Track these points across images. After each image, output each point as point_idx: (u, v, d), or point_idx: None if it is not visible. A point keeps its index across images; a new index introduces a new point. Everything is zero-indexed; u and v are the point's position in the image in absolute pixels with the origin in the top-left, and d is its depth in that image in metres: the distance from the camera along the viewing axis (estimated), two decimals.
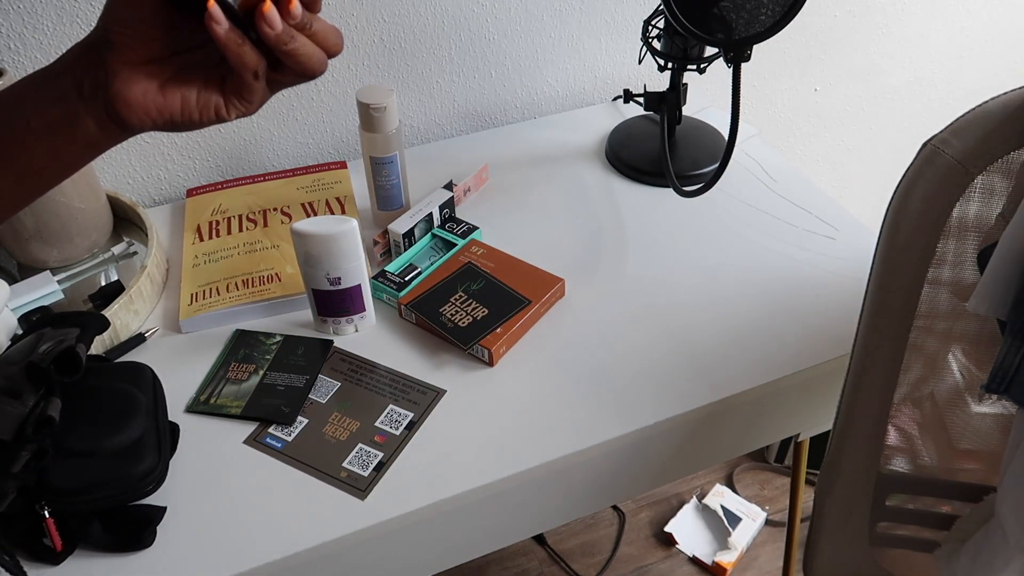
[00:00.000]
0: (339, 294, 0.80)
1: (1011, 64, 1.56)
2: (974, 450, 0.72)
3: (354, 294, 0.80)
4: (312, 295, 0.81)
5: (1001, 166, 0.60)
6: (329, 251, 0.77)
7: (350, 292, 0.80)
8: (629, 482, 0.81)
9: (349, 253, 0.77)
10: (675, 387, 0.78)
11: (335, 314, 0.82)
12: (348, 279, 0.79)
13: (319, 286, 0.79)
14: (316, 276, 0.79)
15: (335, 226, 0.76)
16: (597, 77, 1.23)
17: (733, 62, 0.83)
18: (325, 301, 0.81)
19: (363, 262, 0.79)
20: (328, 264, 0.78)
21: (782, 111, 1.42)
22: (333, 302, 0.81)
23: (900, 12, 1.37)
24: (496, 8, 1.09)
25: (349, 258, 0.78)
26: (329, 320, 0.82)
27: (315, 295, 0.81)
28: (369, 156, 0.91)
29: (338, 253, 0.77)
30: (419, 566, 0.74)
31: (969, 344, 0.68)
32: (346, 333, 0.83)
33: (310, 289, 0.80)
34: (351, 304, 0.81)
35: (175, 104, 0.45)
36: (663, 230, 0.97)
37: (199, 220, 0.97)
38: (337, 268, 0.78)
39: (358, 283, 0.80)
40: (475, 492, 0.70)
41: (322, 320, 0.83)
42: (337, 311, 0.81)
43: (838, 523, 0.76)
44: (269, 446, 0.74)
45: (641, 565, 1.48)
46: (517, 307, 0.83)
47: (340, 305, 0.81)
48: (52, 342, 0.67)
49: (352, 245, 0.77)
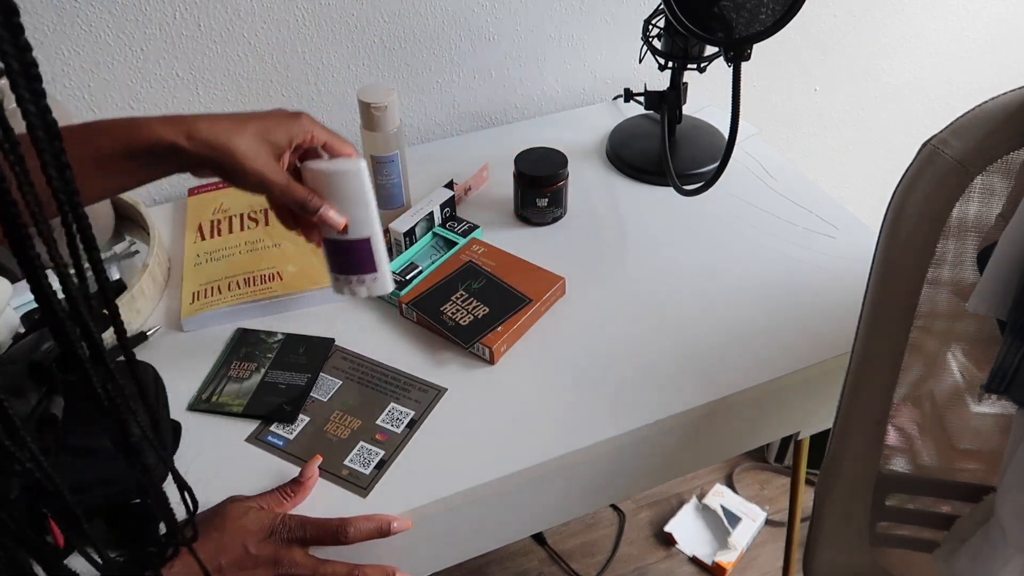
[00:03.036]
0: (346, 247, 0.70)
1: (1011, 64, 1.56)
2: (974, 450, 0.72)
3: (361, 249, 0.70)
4: (325, 246, 0.72)
5: (1001, 166, 0.60)
6: (332, 193, 0.67)
7: (356, 246, 0.70)
8: (629, 480, 0.81)
9: (354, 199, 0.67)
10: (675, 385, 0.78)
11: (345, 271, 0.71)
12: (354, 230, 0.69)
13: (329, 234, 0.70)
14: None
15: (340, 165, 0.67)
16: (597, 76, 1.23)
17: (733, 61, 0.83)
18: (334, 253, 0.71)
19: (373, 214, 0.69)
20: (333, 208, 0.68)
21: (782, 111, 1.42)
22: (341, 255, 0.71)
23: (900, 12, 1.37)
24: (496, 8, 1.10)
25: (354, 204, 0.68)
26: (341, 279, 0.72)
27: (326, 246, 0.71)
28: (370, 155, 0.91)
29: (341, 196, 0.67)
30: (419, 564, 0.74)
31: (969, 344, 0.68)
32: (358, 295, 0.73)
33: (324, 239, 0.71)
34: (360, 260, 0.71)
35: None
36: (663, 229, 0.97)
37: (201, 219, 0.97)
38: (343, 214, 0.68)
39: (366, 236, 0.69)
40: (476, 490, 0.71)
41: (335, 278, 0.73)
42: (346, 267, 0.71)
43: (838, 523, 0.77)
44: (271, 444, 0.74)
45: (641, 565, 1.48)
46: (518, 306, 0.84)
47: (348, 260, 0.71)
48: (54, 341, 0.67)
49: (356, 189, 0.67)
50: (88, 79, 0.95)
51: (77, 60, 0.93)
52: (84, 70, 0.94)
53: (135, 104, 0.99)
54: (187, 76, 0.99)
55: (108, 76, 0.95)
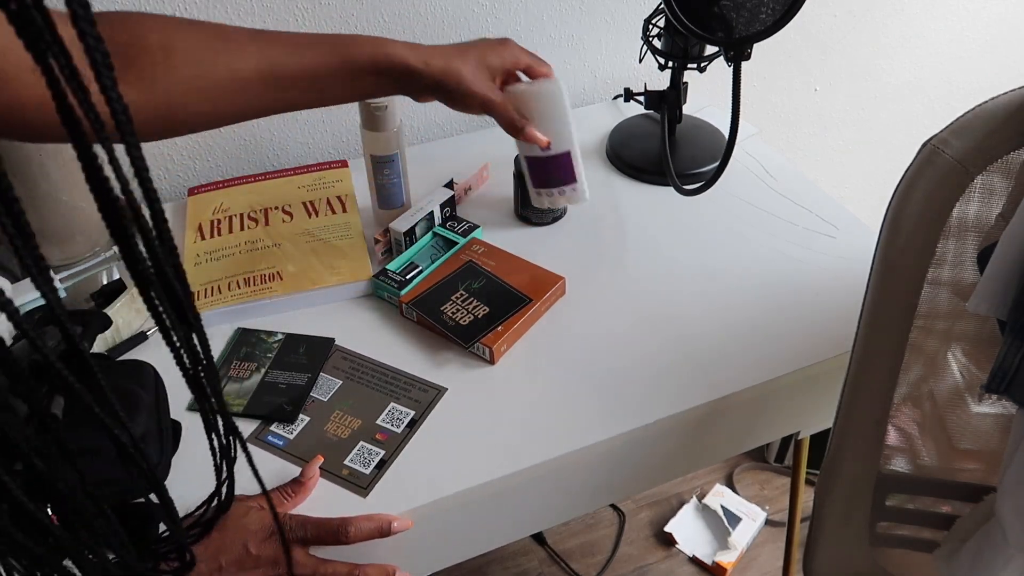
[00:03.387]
0: (548, 161, 0.79)
1: (1011, 64, 1.56)
2: (974, 450, 0.72)
3: (563, 162, 0.79)
4: (526, 164, 0.81)
5: (1001, 166, 0.60)
6: (536, 111, 0.76)
7: (559, 160, 0.79)
8: (629, 480, 0.81)
9: (555, 115, 0.76)
10: (675, 385, 0.78)
11: (546, 184, 0.81)
12: (556, 144, 0.78)
13: (529, 152, 0.80)
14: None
15: (541, 85, 0.76)
16: (597, 76, 1.23)
17: (733, 61, 0.83)
18: (537, 168, 0.80)
19: (571, 129, 0.78)
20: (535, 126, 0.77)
21: (782, 110, 1.42)
22: (544, 169, 0.80)
23: (900, 12, 1.37)
24: (496, 8, 1.10)
25: (556, 120, 0.77)
26: (543, 193, 0.82)
27: (527, 163, 0.81)
28: (370, 155, 0.91)
29: (543, 114, 0.76)
30: (420, 564, 0.74)
31: (969, 344, 0.68)
32: (558, 206, 0.84)
33: (523, 158, 0.81)
34: (561, 173, 0.80)
35: None
36: (663, 229, 0.97)
37: (200, 219, 0.97)
38: (545, 131, 0.77)
39: (566, 150, 0.78)
40: (476, 490, 0.71)
41: (536, 193, 0.83)
42: (548, 181, 0.81)
43: (838, 523, 0.77)
44: (271, 444, 0.74)
45: (641, 565, 1.48)
46: (518, 305, 0.84)
47: (551, 173, 0.80)
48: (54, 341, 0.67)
49: (557, 106, 0.76)
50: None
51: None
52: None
53: None
54: None
55: None
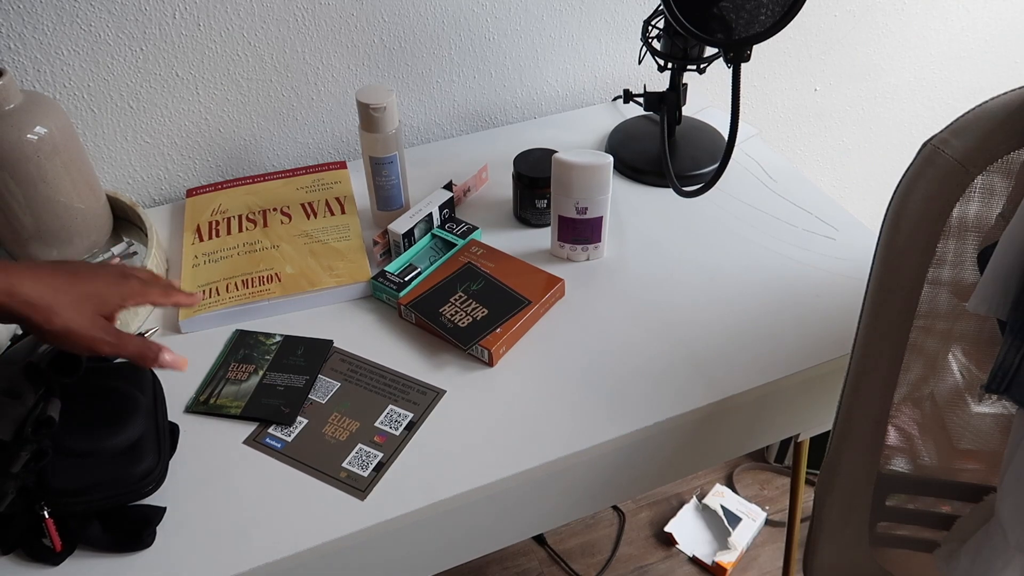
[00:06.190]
0: (583, 223, 0.89)
1: (1011, 64, 1.56)
2: (974, 450, 0.72)
3: (595, 225, 0.90)
4: (557, 220, 0.90)
5: (1001, 166, 0.60)
6: (584, 182, 0.86)
7: (592, 223, 0.89)
8: (629, 482, 0.81)
9: (601, 186, 0.87)
10: (675, 387, 0.78)
11: (574, 241, 0.91)
12: (594, 210, 0.88)
13: (566, 213, 0.89)
14: (566, 204, 0.88)
15: (593, 159, 0.85)
16: (597, 77, 1.23)
17: (733, 62, 0.83)
18: (568, 227, 0.90)
19: (609, 197, 0.88)
20: (579, 193, 0.87)
21: (782, 111, 1.42)
22: (575, 229, 0.90)
23: (900, 12, 1.37)
24: (496, 8, 1.09)
25: (600, 190, 0.87)
26: (567, 246, 0.92)
27: (560, 221, 0.90)
28: (369, 156, 0.91)
29: (591, 185, 0.86)
30: (419, 566, 0.74)
31: (969, 344, 0.68)
32: (578, 260, 0.92)
33: (556, 216, 0.90)
34: (591, 233, 0.90)
35: None
36: (663, 230, 0.97)
37: (199, 220, 0.97)
38: (587, 199, 0.87)
39: (601, 215, 0.89)
40: (475, 492, 0.70)
41: (560, 245, 0.92)
42: (576, 239, 0.91)
43: (838, 523, 0.76)
44: (269, 446, 0.74)
45: (641, 565, 1.48)
46: (517, 307, 0.83)
47: (581, 233, 0.90)
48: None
49: (604, 179, 0.86)
50: (88, 79, 0.95)
51: (77, 60, 0.93)
52: (84, 70, 0.94)
53: (134, 104, 0.98)
54: (187, 76, 0.99)
55: (108, 76, 0.95)
